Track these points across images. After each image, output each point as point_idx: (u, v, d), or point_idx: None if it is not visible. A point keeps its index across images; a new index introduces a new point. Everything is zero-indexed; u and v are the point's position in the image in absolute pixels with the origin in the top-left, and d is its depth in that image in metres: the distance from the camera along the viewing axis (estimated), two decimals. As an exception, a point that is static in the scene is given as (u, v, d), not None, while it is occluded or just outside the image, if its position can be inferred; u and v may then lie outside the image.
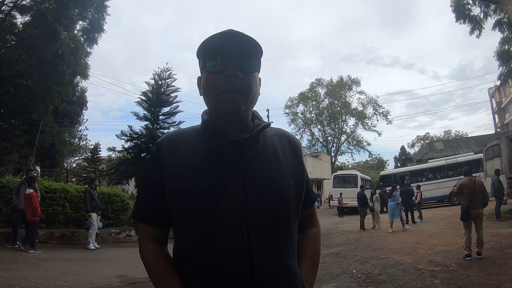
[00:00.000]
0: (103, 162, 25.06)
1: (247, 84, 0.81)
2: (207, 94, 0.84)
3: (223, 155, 0.83)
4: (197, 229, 0.79)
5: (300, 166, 0.92)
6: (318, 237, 1.00)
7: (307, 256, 0.94)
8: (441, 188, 17.08)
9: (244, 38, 0.81)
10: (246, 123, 0.89)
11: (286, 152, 0.91)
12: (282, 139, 0.93)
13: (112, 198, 9.36)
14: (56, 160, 16.84)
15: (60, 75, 10.36)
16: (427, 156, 28.11)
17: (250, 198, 0.79)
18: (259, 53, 0.84)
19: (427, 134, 51.69)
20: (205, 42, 0.82)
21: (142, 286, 4.45)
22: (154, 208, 0.87)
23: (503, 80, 12.77)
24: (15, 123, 12.25)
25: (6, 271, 4.72)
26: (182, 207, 0.81)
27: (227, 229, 0.77)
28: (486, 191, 5.54)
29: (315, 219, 1.03)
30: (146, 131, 14.68)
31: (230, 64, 0.80)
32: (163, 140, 0.88)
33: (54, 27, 9.03)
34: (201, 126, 0.89)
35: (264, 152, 0.87)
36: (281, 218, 0.82)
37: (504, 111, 32.28)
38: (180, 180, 0.81)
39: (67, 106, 17.40)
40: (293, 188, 0.86)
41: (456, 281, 4.10)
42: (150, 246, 0.87)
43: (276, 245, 0.80)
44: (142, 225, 0.90)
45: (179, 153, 0.84)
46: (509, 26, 10.27)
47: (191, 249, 0.80)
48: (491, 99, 34.99)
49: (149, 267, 0.85)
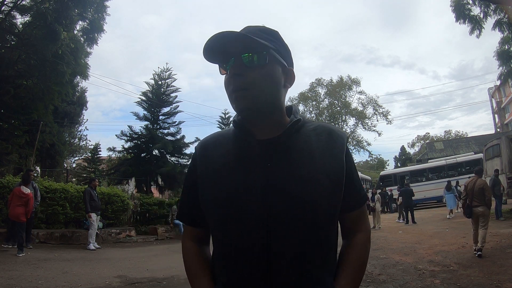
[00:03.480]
0: (103, 162, 25.04)
1: (253, 80, 0.78)
2: (227, 95, 0.84)
3: (249, 156, 0.81)
4: (221, 231, 0.81)
5: (338, 163, 0.81)
6: (364, 244, 0.87)
7: (347, 265, 0.83)
8: (441, 188, 17.07)
9: (248, 32, 0.79)
10: (276, 120, 0.84)
11: (323, 148, 0.82)
12: (320, 134, 0.84)
13: (112, 198, 9.37)
14: (56, 160, 16.82)
15: (60, 75, 10.36)
16: (427, 156, 28.12)
17: (273, 201, 0.75)
18: (265, 45, 0.78)
19: (427, 134, 51.61)
20: (207, 46, 0.79)
21: (142, 286, 4.45)
22: (190, 210, 0.92)
23: (503, 80, 12.77)
24: (15, 123, 12.24)
25: (6, 271, 4.72)
26: (209, 210, 0.83)
27: (247, 233, 0.76)
28: (487, 190, 5.60)
29: (363, 224, 0.90)
30: (146, 131, 14.68)
31: (235, 63, 0.79)
32: (198, 144, 0.93)
33: (54, 27, 9.03)
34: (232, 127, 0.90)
35: (295, 150, 0.81)
36: (307, 223, 0.75)
37: (504, 111, 32.28)
38: (208, 184, 0.84)
39: (67, 106, 17.38)
40: (326, 188, 0.77)
41: (456, 281, 4.09)
42: (188, 245, 0.93)
43: (299, 252, 0.75)
44: (185, 225, 0.96)
45: (210, 157, 0.87)
46: (509, 26, 10.27)
47: (218, 251, 0.83)
48: (491, 99, 35.00)
49: (185, 264, 0.91)
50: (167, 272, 5.21)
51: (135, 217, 10.63)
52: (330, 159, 0.81)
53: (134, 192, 12.48)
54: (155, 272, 5.24)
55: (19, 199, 6.08)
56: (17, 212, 5.98)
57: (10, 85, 10.89)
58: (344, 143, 0.85)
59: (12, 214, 6.00)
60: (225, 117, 20.95)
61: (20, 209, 6.01)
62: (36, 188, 6.85)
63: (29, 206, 6.18)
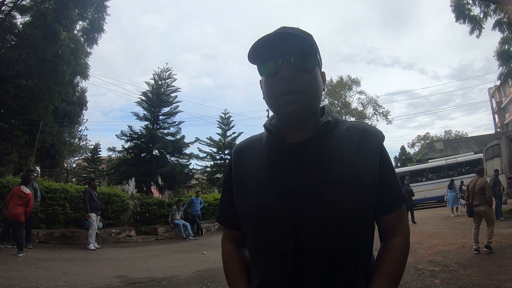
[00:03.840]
0: (103, 162, 25.04)
1: (304, 83, 0.77)
2: (267, 98, 0.82)
3: (280, 159, 0.81)
4: (252, 234, 0.83)
5: (370, 164, 0.78)
6: (401, 248, 0.83)
7: (382, 270, 0.80)
8: (441, 188, 17.08)
9: (296, 35, 0.77)
10: (312, 123, 0.83)
11: (354, 149, 0.79)
12: (353, 135, 0.81)
13: (112, 198, 9.36)
14: (56, 160, 16.82)
15: (60, 75, 10.36)
16: (427, 156, 28.12)
17: (302, 204, 0.75)
18: (314, 48, 0.80)
19: (427, 134, 51.59)
20: (256, 45, 0.78)
21: (142, 286, 4.45)
22: (228, 213, 0.94)
23: (503, 80, 12.76)
24: (15, 123, 12.24)
25: (6, 271, 4.72)
26: (242, 213, 0.86)
27: (277, 236, 0.77)
28: (487, 189, 5.70)
29: (401, 227, 0.85)
30: (146, 131, 14.68)
31: (284, 65, 0.77)
32: (233, 149, 0.95)
33: (54, 27, 9.03)
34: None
35: (325, 152, 0.79)
36: (336, 226, 0.74)
37: (504, 111, 32.28)
38: (241, 187, 0.86)
39: (67, 106, 17.39)
40: (356, 191, 0.75)
41: (456, 281, 4.09)
42: (226, 246, 0.96)
43: (328, 255, 0.74)
44: (224, 227, 0.99)
45: (243, 161, 0.89)
46: (509, 26, 10.27)
47: (251, 253, 0.86)
48: (491, 99, 35.01)
49: (223, 265, 0.94)
50: (167, 272, 5.21)
51: (135, 217, 10.63)
52: (362, 160, 0.78)
53: (134, 192, 12.48)
54: (155, 272, 5.24)
55: (19, 198, 6.05)
56: (16, 211, 5.94)
57: (10, 85, 10.89)
58: (378, 143, 0.81)
59: (11, 213, 5.94)
60: (225, 117, 20.95)
61: (20, 209, 5.99)
62: (36, 189, 6.85)
63: (29, 206, 6.17)
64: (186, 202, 11.19)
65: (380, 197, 0.80)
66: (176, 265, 5.89)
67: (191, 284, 4.55)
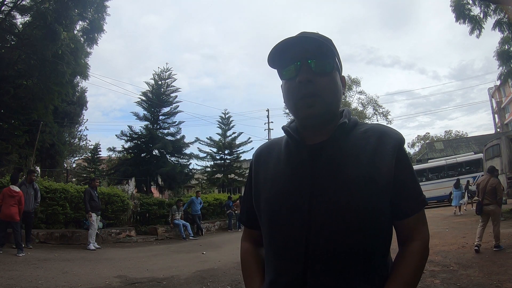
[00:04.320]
0: (103, 162, 25.04)
1: (322, 86, 0.78)
2: (287, 102, 0.84)
3: (297, 161, 0.82)
4: (268, 234, 0.85)
5: (385, 167, 0.77)
6: (419, 253, 0.80)
7: (397, 275, 0.77)
8: (441, 188, 17.09)
9: (314, 39, 0.79)
10: (331, 126, 0.83)
11: (371, 152, 0.78)
12: (370, 137, 0.81)
13: (112, 198, 9.36)
14: (56, 160, 16.82)
15: (60, 75, 10.36)
16: (427, 156, 28.11)
17: (316, 206, 0.75)
18: (333, 51, 0.81)
19: (427, 134, 51.56)
20: (275, 50, 0.80)
21: (142, 286, 4.45)
22: (248, 213, 0.97)
23: (503, 80, 12.76)
24: (15, 123, 12.24)
25: (6, 271, 4.72)
26: (259, 213, 0.88)
27: (290, 236, 0.78)
28: (499, 190, 5.79)
29: (419, 231, 0.82)
30: (146, 131, 14.69)
31: (302, 69, 0.79)
32: (254, 152, 0.98)
33: (54, 27, 9.03)
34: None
35: (341, 154, 0.79)
36: (349, 229, 0.73)
37: (504, 111, 32.28)
38: (259, 188, 0.89)
39: (67, 106, 17.36)
40: (371, 194, 0.74)
41: (456, 281, 4.09)
42: (245, 245, 0.99)
43: (336, 257, 0.73)
44: (244, 227, 1.03)
45: (263, 163, 0.91)
46: (509, 26, 10.27)
47: (266, 252, 0.87)
48: (491, 99, 35.00)
49: (241, 263, 0.97)
50: (167, 272, 5.21)
51: (135, 217, 10.62)
52: (377, 162, 0.77)
53: (134, 192, 12.47)
54: (155, 272, 5.23)
55: (11, 198, 6.02)
56: (11, 212, 5.93)
57: (10, 85, 10.89)
58: (395, 146, 0.79)
59: (5, 214, 5.91)
60: (225, 117, 20.96)
61: (14, 209, 5.99)
62: (36, 189, 6.85)
63: (21, 204, 6.15)
64: (186, 202, 11.19)
65: (399, 200, 0.79)
66: (176, 265, 5.89)
67: (191, 284, 4.55)
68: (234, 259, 6.20)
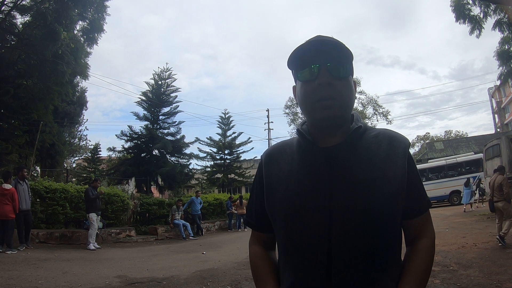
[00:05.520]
0: (103, 162, 25.04)
1: (341, 90, 0.80)
2: (303, 104, 0.84)
3: (312, 163, 0.83)
4: (285, 237, 0.84)
5: (399, 170, 0.80)
6: (428, 250, 0.85)
7: (410, 271, 0.82)
8: (441, 188, 17.09)
9: (333, 43, 0.81)
10: (343, 129, 0.85)
11: (384, 155, 0.82)
12: (381, 142, 0.84)
13: (112, 198, 9.36)
14: (56, 160, 16.81)
15: (60, 75, 10.37)
16: (427, 156, 28.10)
17: (334, 208, 0.77)
18: (349, 57, 0.83)
19: (427, 134, 51.52)
20: (295, 52, 0.82)
21: (142, 286, 4.45)
22: (256, 215, 0.96)
23: (503, 80, 12.75)
24: (15, 123, 12.24)
25: (6, 271, 4.72)
26: (274, 216, 0.87)
27: (310, 239, 0.78)
28: (505, 186, 6.01)
29: (427, 230, 0.88)
30: (146, 131, 14.70)
31: (322, 72, 0.80)
32: (264, 153, 0.96)
33: (54, 27, 9.04)
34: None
35: (356, 157, 0.82)
36: (367, 230, 0.76)
37: (504, 111, 32.29)
38: (273, 191, 0.87)
39: (67, 106, 17.37)
40: (386, 196, 0.77)
41: (456, 281, 4.09)
42: (254, 248, 0.97)
43: (359, 257, 0.76)
44: (252, 230, 1.00)
45: (275, 165, 0.90)
46: (509, 26, 10.26)
47: (282, 255, 0.86)
48: (491, 99, 34.99)
49: (251, 267, 0.94)
50: (167, 272, 5.21)
51: (135, 217, 10.62)
52: (392, 166, 0.81)
53: (134, 192, 12.47)
54: (155, 272, 5.23)
55: (3, 197, 6.02)
56: (4, 210, 5.93)
57: (10, 85, 10.89)
58: (405, 150, 0.84)
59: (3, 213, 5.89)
60: (225, 117, 20.97)
61: (7, 207, 5.99)
62: (27, 184, 6.82)
63: (15, 202, 6.14)
64: (186, 202, 11.20)
65: (409, 201, 0.82)
66: (176, 265, 5.89)
67: (191, 284, 4.54)
68: (234, 259, 6.20)
